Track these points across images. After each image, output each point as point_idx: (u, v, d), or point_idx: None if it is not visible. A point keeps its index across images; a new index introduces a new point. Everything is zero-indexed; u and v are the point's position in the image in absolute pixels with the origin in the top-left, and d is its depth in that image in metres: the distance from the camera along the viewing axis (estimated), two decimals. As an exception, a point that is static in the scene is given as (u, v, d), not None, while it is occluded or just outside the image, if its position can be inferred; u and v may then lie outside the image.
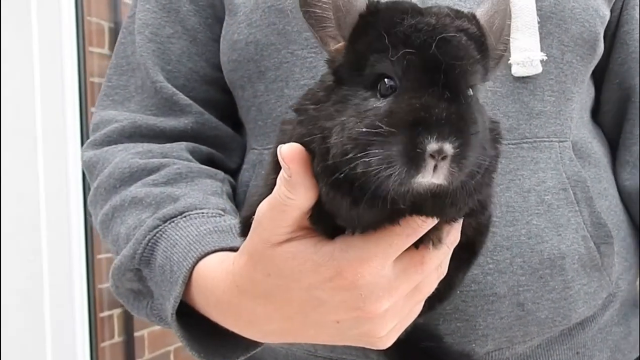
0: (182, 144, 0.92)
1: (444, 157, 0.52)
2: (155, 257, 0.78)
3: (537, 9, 0.84)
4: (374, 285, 0.62)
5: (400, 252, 0.62)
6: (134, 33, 0.98)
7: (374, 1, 0.59)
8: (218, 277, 0.71)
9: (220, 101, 0.98)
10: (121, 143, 0.93)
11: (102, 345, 2.75)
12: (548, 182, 0.85)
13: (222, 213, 0.82)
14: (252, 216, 0.65)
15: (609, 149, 1.00)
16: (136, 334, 2.92)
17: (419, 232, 0.61)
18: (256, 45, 0.88)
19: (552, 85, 0.87)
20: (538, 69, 0.85)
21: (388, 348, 0.70)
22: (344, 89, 0.58)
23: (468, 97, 0.56)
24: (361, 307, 0.63)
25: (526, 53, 0.84)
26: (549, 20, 0.86)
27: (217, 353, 0.76)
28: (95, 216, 0.92)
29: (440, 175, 0.53)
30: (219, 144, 0.97)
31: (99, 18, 2.80)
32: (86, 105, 2.61)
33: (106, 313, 2.78)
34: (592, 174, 0.92)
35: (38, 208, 2.45)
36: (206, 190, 0.86)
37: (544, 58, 0.84)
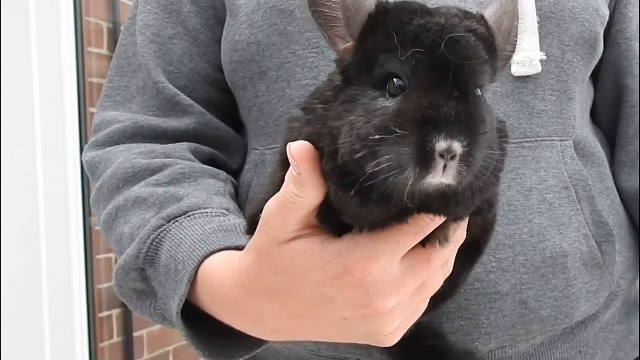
0: (185, 145, 0.92)
1: (453, 157, 0.52)
2: (159, 257, 0.78)
3: (537, 9, 0.84)
4: (382, 283, 0.62)
5: (407, 250, 0.62)
6: (136, 34, 0.98)
7: (383, 1, 0.59)
8: (224, 276, 0.71)
9: (221, 102, 0.98)
10: (123, 144, 0.93)
11: (101, 345, 2.74)
12: (550, 181, 0.85)
13: (226, 213, 0.82)
14: (259, 214, 0.65)
15: (609, 149, 1.00)
16: (135, 334, 2.92)
17: (427, 230, 0.61)
18: (258, 45, 0.88)
19: (553, 84, 0.87)
20: (538, 69, 0.85)
21: (392, 347, 0.70)
22: (353, 89, 0.58)
23: (477, 97, 0.56)
24: (368, 305, 0.63)
25: (526, 53, 0.84)
26: (549, 20, 0.86)
27: (222, 353, 0.76)
28: (98, 216, 0.92)
29: (449, 175, 0.53)
30: (221, 145, 0.97)
31: (98, 18, 2.79)
32: (85, 105, 2.61)
33: (105, 313, 2.78)
34: (595, 173, 0.92)
35: (37, 208, 2.44)
36: (210, 190, 0.86)
37: (544, 58, 0.85)
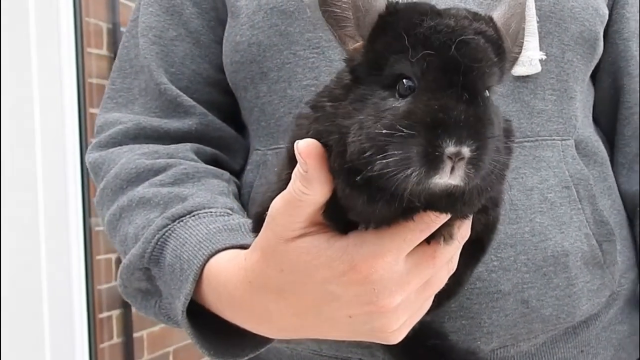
0: (187, 145, 0.93)
1: (461, 159, 0.53)
2: (164, 256, 0.78)
3: (537, 9, 0.85)
4: (387, 279, 0.63)
5: (413, 247, 0.63)
6: (137, 36, 0.98)
7: (394, 2, 0.60)
8: (230, 274, 0.72)
9: (223, 103, 0.98)
10: (126, 144, 0.93)
11: (101, 346, 2.74)
12: (551, 180, 0.86)
13: (230, 212, 0.82)
14: (265, 212, 0.65)
15: (609, 149, 1.00)
16: (135, 335, 2.91)
17: (432, 228, 0.62)
18: (258, 46, 0.89)
19: (553, 84, 0.87)
20: (537, 68, 0.85)
21: (394, 346, 0.70)
22: (362, 88, 0.59)
23: (485, 99, 0.56)
24: (374, 302, 0.63)
25: (526, 52, 0.84)
26: (549, 19, 0.86)
27: (227, 352, 0.77)
28: (102, 217, 0.92)
29: (457, 176, 0.53)
30: (223, 145, 0.97)
31: (97, 19, 2.79)
32: (85, 106, 2.60)
33: (105, 314, 2.77)
34: (596, 173, 0.92)
35: (37, 209, 2.44)
36: (213, 190, 0.86)
37: (543, 57, 0.85)
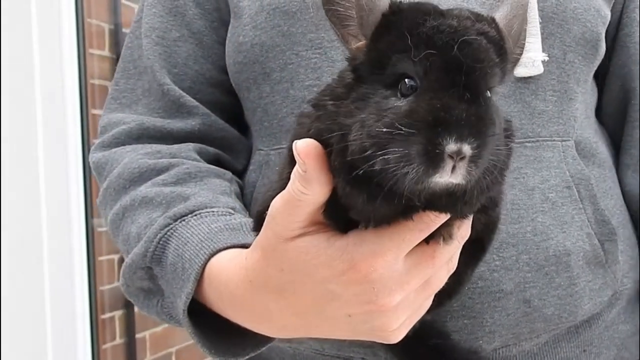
0: (190, 145, 0.93)
1: (462, 158, 0.53)
2: (166, 255, 0.79)
3: (539, 10, 0.85)
4: (387, 279, 0.63)
5: (412, 247, 0.63)
6: (141, 37, 0.99)
7: (397, 1, 0.60)
8: (231, 273, 0.72)
9: (226, 103, 0.99)
10: (129, 144, 0.94)
11: (104, 347, 2.74)
12: (552, 180, 0.86)
13: (232, 212, 0.83)
14: (265, 211, 0.66)
15: (615, 150, 1.01)
16: (138, 336, 2.91)
17: (432, 227, 0.62)
18: (261, 47, 0.89)
19: (554, 85, 0.87)
20: (539, 70, 0.85)
21: (396, 345, 0.70)
22: (364, 87, 0.59)
23: (487, 99, 0.56)
24: (374, 301, 0.64)
25: (528, 54, 0.84)
26: (551, 20, 0.87)
27: (228, 351, 0.77)
28: (105, 216, 0.92)
29: (458, 175, 0.54)
30: (226, 146, 0.97)
31: (99, 20, 2.79)
32: (87, 107, 2.61)
33: (107, 315, 2.77)
34: (597, 173, 0.92)
35: (39, 209, 2.44)
36: (215, 189, 0.86)
37: (546, 58, 0.85)
